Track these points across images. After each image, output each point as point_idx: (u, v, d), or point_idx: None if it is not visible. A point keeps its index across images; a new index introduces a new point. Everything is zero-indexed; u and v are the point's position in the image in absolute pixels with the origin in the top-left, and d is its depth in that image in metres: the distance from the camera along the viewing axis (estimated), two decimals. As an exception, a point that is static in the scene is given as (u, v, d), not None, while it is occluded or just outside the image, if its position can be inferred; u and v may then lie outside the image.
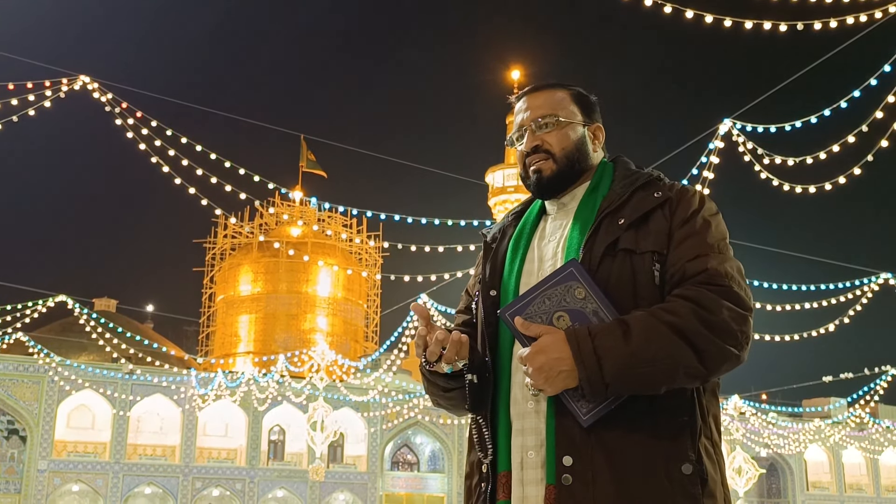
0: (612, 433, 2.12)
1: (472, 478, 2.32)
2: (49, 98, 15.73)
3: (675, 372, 2.08)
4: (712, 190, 15.60)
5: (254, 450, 39.76)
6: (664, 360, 2.07)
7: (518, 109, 2.52)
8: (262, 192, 56.42)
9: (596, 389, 2.07)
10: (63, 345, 42.47)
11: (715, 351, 2.10)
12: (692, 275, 2.18)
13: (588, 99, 2.53)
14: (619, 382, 2.07)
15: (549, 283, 2.18)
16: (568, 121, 2.45)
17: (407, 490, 42.88)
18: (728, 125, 15.10)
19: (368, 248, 52.97)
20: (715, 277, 2.16)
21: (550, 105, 2.47)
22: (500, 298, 2.35)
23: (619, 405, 2.13)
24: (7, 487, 35.57)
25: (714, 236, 2.25)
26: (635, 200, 2.30)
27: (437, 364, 2.27)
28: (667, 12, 12.29)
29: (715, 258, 2.20)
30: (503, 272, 2.41)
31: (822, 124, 14.09)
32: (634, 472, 2.10)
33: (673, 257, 2.22)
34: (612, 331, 2.10)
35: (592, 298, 2.16)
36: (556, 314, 2.17)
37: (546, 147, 2.43)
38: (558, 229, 2.41)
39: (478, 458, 2.30)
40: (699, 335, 2.08)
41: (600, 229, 2.27)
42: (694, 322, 2.08)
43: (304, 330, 50.52)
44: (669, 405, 2.17)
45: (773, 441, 45.41)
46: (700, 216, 2.27)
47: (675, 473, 2.11)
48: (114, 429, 37.74)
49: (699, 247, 2.22)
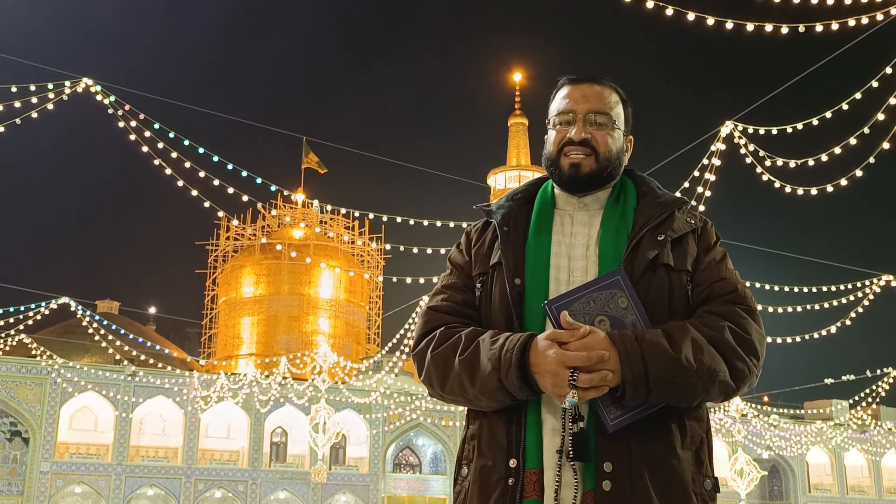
0: (649, 444, 2.15)
1: (494, 472, 2.21)
2: (52, 100, 15.74)
3: (712, 385, 2.14)
4: (714, 192, 15.64)
5: (256, 451, 39.77)
6: (704, 372, 2.12)
7: (569, 94, 2.45)
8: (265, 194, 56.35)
9: (638, 393, 2.08)
10: (66, 347, 42.52)
11: (744, 368, 2.18)
12: (720, 294, 2.29)
13: (630, 107, 2.55)
14: (661, 388, 2.09)
15: (595, 285, 2.21)
16: (618, 125, 2.45)
17: (409, 492, 42.87)
18: (730, 127, 15.11)
19: (370, 250, 53.02)
20: (743, 299, 2.29)
21: (605, 102, 2.44)
22: (527, 288, 2.30)
23: (650, 415, 2.15)
24: (9, 489, 35.59)
25: (731, 265, 2.40)
26: (674, 221, 2.37)
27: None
28: (668, 14, 12.31)
29: (738, 283, 2.34)
30: (526, 260, 2.35)
31: (823, 126, 14.11)
32: (668, 484, 2.13)
33: (699, 278, 2.32)
34: (658, 338, 2.12)
35: (633, 309, 2.20)
36: (598, 318, 2.19)
37: (594, 143, 2.40)
38: (584, 228, 2.40)
39: (503, 452, 2.22)
40: (733, 351, 2.16)
41: (642, 243, 2.30)
42: (730, 338, 2.17)
43: (306, 332, 50.56)
44: (693, 419, 2.24)
45: (775, 443, 45.38)
46: (719, 246, 2.42)
47: (699, 489, 2.19)
48: (116, 430, 37.76)
49: (723, 271, 2.35)
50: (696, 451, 2.22)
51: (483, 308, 2.38)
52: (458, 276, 2.47)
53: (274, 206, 49.62)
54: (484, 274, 2.40)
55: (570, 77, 2.49)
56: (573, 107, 2.42)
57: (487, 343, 2.21)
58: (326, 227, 53.36)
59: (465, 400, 2.27)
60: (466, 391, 2.23)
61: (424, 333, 2.37)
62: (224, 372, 40.85)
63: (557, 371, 2.07)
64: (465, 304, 2.41)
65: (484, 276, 2.40)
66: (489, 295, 2.37)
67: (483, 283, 2.40)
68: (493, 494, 2.19)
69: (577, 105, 2.41)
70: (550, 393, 2.12)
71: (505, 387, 2.14)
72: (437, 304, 2.42)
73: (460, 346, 2.26)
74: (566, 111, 2.42)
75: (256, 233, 51.59)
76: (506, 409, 2.23)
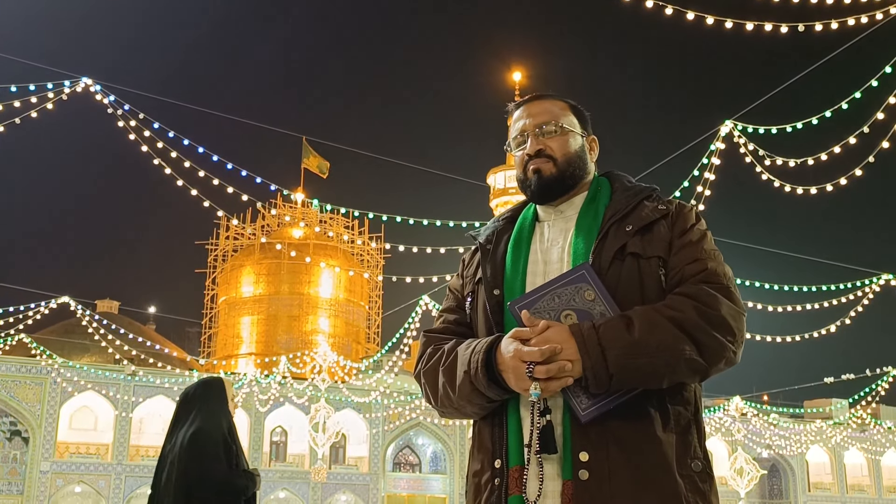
0: (626, 430, 2.17)
1: (483, 475, 2.31)
2: (51, 100, 15.71)
3: (677, 364, 2.15)
4: (713, 191, 15.65)
5: (256, 451, 39.76)
6: (666, 351, 2.13)
7: (518, 116, 2.59)
8: (264, 193, 56.36)
9: (600, 380, 2.12)
10: (65, 346, 42.55)
11: (715, 345, 2.19)
12: (691, 275, 2.29)
13: (583, 112, 2.63)
14: (623, 373, 2.12)
15: (560, 282, 2.24)
16: (569, 129, 2.54)
17: (409, 491, 42.89)
18: (729, 126, 15.12)
19: (370, 250, 53.02)
20: (713, 277, 2.29)
21: (552, 113, 2.54)
22: (504, 297, 2.39)
23: (628, 402, 2.17)
24: (9, 489, 35.60)
25: (709, 245, 2.40)
26: (641, 210, 2.41)
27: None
28: (668, 14, 12.31)
29: (711, 262, 2.33)
30: (505, 272, 2.44)
31: (823, 125, 14.12)
32: (650, 468, 2.15)
33: (673, 262, 2.34)
34: (616, 323, 2.16)
35: (601, 300, 2.22)
36: (564, 312, 2.22)
37: (549, 151, 2.50)
38: (560, 234, 2.46)
39: (489, 455, 2.31)
40: (699, 328, 2.17)
41: (608, 235, 2.35)
42: (694, 316, 2.17)
43: (306, 331, 50.55)
44: (677, 403, 2.25)
45: (775, 442, 45.40)
46: (696, 228, 2.41)
47: (686, 470, 2.19)
48: (116, 430, 37.77)
49: (697, 253, 2.35)
50: (682, 433, 2.23)
51: (473, 323, 2.49)
52: (453, 299, 2.61)
53: (274, 206, 49.65)
54: (472, 292, 2.52)
55: (517, 102, 2.63)
56: (524, 126, 2.55)
57: (462, 350, 2.33)
58: (326, 226, 53.36)
59: (455, 410, 2.38)
60: (451, 400, 2.35)
61: (420, 355, 2.49)
62: (224, 371, 40.85)
63: (517, 366, 2.15)
64: (458, 324, 2.53)
65: (472, 294, 2.52)
66: (475, 309, 2.48)
67: (472, 300, 2.51)
68: (483, 495, 2.28)
69: (527, 123, 2.54)
70: (515, 388, 2.19)
71: (477, 388, 2.24)
72: (433, 328, 2.57)
73: (443, 359, 2.38)
74: (520, 131, 2.55)
75: (256, 232, 51.59)
76: (490, 414, 2.33)
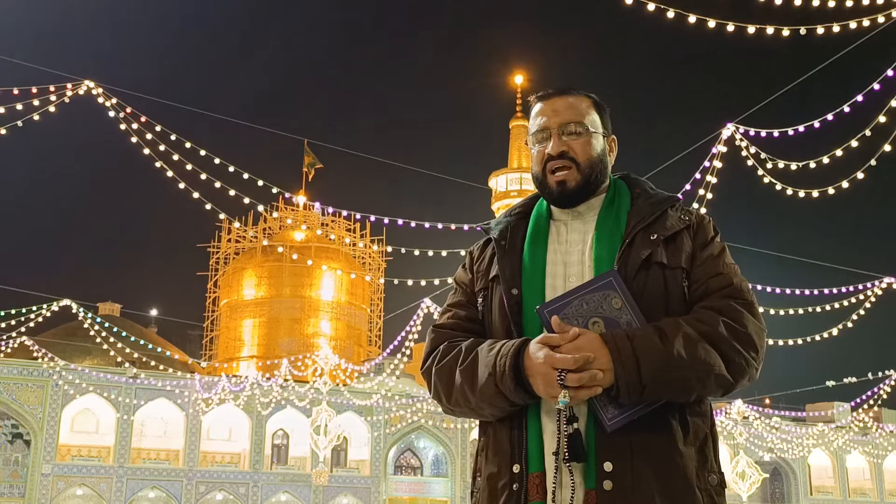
0: (649, 441, 2.16)
1: (500, 479, 2.26)
2: (54, 103, 15.77)
3: (707, 378, 2.15)
4: (715, 194, 15.62)
5: (257, 454, 39.76)
6: (698, 365, 2.13)
7: (540, 111, 2.51)
8: (266, 196, 56.38)
9: (633, 390, 2.10)
10: (67, 349, 42.56)
11: (741, 361, 2.20)
12: (716, 289, 2.29)
13: (605, 109, 2.56)
14: (655, 385, 2.11)
15: (588, 288, 2.23)
16: (593, 130, 2.48)
17: (410, 494, 42.84)
18: (731, 129, 15.10)
19: (372, 252, 52.99)
20: (738, 293, 2.30)
21: (577, 112, 2.47)
22: (523, 296, 2.34)
23: (651, 413, 2.16)
24: (11, 491, 35.60)
25: (730, 259, 2.40)
26: (666, 219, 2.38)
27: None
28: (670, 17, 12.32)
29: (735, 277, 2.34)
30: (522, 271, 2.40)
31: (825, 129, 14.10)
32: (673, 481, 2.15)
33: (696, 274, 2.34)
34: (650, 335, 2.14)
35: (627, 309, 2.21)
36: (592, 319, 2.20)
37: (572, 154, 2.44)
38: (579, 236, 2.42)
39: (507, 458, 2.27)
40: (728, 344, 2.17)
41: (634, 243, 2.33)
42: (724, 331, 2.18)
43: (308, 334, 50.54)
44: (696, 415, 2.25)
45: (777, 445, 45.34)
46: (717, 241, 2.42)
47: (704, 484, 2.20)
48: (117, 433, 37.77)
49: (720, 266, 2.35)
50: (700, 447, 2.24)
51: (486, 321, 2.45)
52: (462, 294, 2.55)
53: (275, 209, 49.69)
54: (485, 288, 2.47)
55: (540, 94, 2.55)
56: (547, 123, 2.47)
57: (485, 351, 2.27)
58: (328, 229, 53.38)
59: (470, 410, 2.33)
60: (469, 400, 2.29)
61: (430, 351, 2.45)
62: (225, 374, 40.86)
63: (547, 372, 2.11)
64: (468, 320, 2.48)
65: (485, 291, 2.47)
66: (490, 307, 2.44)
67: (484, 297, 2.46)
68: (499, 499, 2.24)
69: (550, 120, 2.46)
70: (543, 394, 2.16)
71: (502, 392, 2.20)
72: (443, 322, 2.50)
73: (461, 358, 2.32)
74: (541, 128, 2.48)
75: (258, 235, 51.55)
76: (508, 417, 2.29)
